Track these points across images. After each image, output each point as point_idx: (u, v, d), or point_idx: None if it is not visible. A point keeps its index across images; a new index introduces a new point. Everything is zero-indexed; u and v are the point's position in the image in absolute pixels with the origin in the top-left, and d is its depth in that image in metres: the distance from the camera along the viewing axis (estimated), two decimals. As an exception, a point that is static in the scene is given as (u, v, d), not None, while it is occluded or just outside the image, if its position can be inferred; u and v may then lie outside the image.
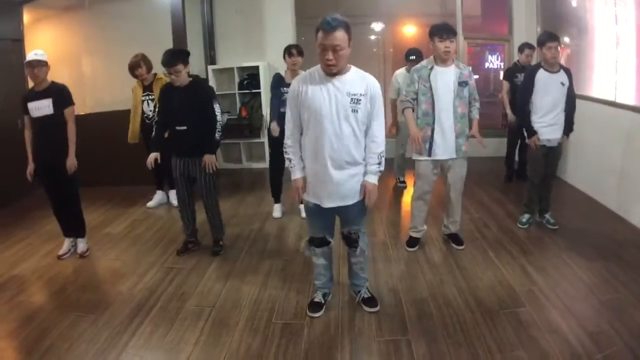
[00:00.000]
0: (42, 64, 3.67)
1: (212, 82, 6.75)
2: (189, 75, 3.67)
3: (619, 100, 4.54)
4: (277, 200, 4.77)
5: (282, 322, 2.86)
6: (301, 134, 2.67)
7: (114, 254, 4.04)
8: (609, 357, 2.40)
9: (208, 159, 3.63)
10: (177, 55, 3.54)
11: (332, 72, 2.48)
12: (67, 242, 4.05)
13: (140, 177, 3.61)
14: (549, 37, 3.81)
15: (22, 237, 4.54)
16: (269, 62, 6.69)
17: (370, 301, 2.97)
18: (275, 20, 6.76)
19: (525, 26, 6.54)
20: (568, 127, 3.99)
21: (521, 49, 5.38)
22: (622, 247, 3.67)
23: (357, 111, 2.52)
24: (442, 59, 3.44)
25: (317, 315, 2.92)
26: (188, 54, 3.68)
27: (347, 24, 2.41)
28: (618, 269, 3.32)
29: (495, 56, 7.73)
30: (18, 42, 5.86)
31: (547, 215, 4.15)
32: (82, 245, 4.06)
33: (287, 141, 2.70)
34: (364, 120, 2.57)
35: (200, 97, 3.62)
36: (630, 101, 4.37)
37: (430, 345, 2.57)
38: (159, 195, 5.35)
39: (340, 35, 2.39)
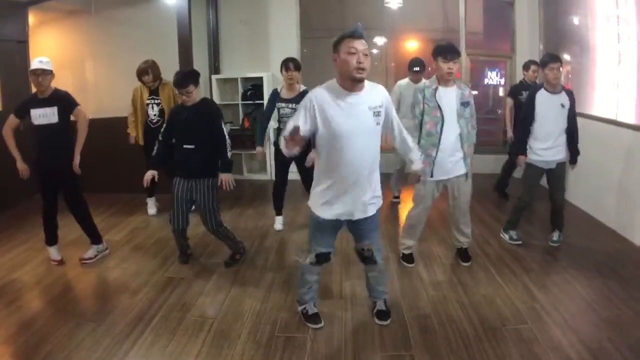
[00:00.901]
0: (47, 73, 3.66)
1: (215, 92, 6.80)
2: None
3: (620, 119, 4.59)
4: (279, 213, 4.76)
5: (285, 336, 2.85)
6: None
7: (114, 262, 4.02)
8: (609, 374, 2.41)
9: (225, 177, 3.59)
10: (188, 77, 3.58)
11: (361, 77, 2.46)
12: (52, 250, 4.01)
13: (140, 184, 3.61)
14: (550, 59, 3.83)
15: (22, 241, 4.52)
16: (273, 73, 6.70)
17: (382, 314, 2.97)
18: (280, 31, 6.81)
19: (527, 43, 6.60)
20: (573, 156, 3.97)
21: (526, 66, 5.37)
22: (622, 265, 3.70)
23: (379, 124, 2.57)
24: (444, 80, 3.44)
25: (320, 325, 2.93)
26: (198, 74, 3.72)
27: None
28: (618, 286, 3.35)
29: (495, 72, 7.79)
30: (22, 44, 5.88)
31: (554, 233, 4.14)
32: (90, 251, 4.04)
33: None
34: (381, 131, 2.63)
35: (209, 116, 3.63)
36: (631, 120, 4.42)
37: (433, 361, 2.57)
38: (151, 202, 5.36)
39: (366, 43, 2.48)
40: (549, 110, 3.84)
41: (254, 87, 6.82)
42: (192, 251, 4.06)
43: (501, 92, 7.84)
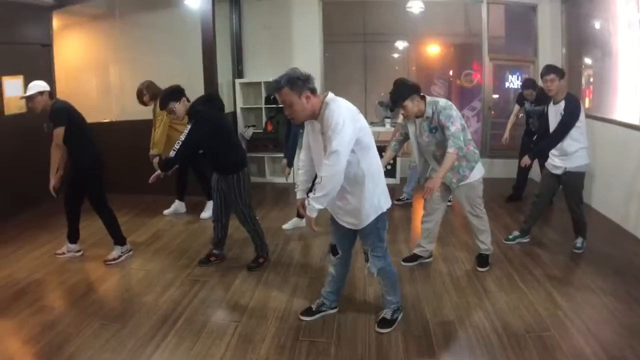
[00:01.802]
0: (32, 98, 3.76)
1: (238, 95, 6.86)
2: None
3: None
4: (300, 216, 4.79)
5: (309, 340, 2.86)
6: None
7: (138, 263, 4.07)
8: (630, 381, 2.41)
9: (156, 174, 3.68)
10: (164, 98, 3.71)
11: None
12: (65, 246, 4.19)
13: (163, 186, 3.67)
14: (544, 70, 3.88)
15: (44, 241, 4.58)
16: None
17: (383, 322, 2.97)
18: (303, 36, 6.85)
19: (550, 48, 6.57)
20: (536, 150, 4.11)
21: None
22: (645, 273, 3.66)
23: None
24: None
25: (305, 319, 3.06)
26: (176, 91, 3.73)
27: None
28: (640, 294, 3.32)
29: (516, 76, 7.75)
30: (47, 47, 5.97)
31: (578, 240, 4.13)
32: (114, 252, 4.12)
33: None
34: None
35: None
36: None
37: (457, 368, 2.59)
38: (177, 205, 5.44)
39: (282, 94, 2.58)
40: (552, 118, 3.95)
41: (277, 91, 6.87)
42: (221, 261, 4.04)
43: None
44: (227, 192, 3.78)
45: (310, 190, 2.66)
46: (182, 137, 3.53)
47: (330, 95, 2.60)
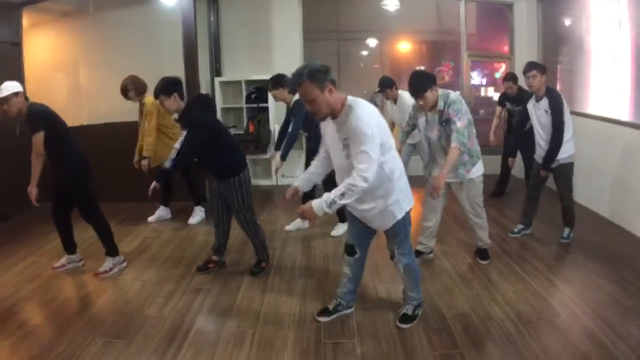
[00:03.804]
0: (6, 100, 3.50)
1: (217, 95, 6.69)
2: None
3: (616, 117, 4.82)
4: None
5: (332, 342, 2.83)
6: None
7: (132, 275, 3.88)
8: (642, 357, 2.58)
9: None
10: (157, 89, 3.54)
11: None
12: (64, 258, 3.98)
13: (144, 192, 3.51)
14: (526, 67, 4.01)
15: (25, 255, 4.31)
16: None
17: (405, 318, 2.99)
18: (283, 34, 6.79)
19: (527, 44, 6.78)
20: (545, 160, 4.06)
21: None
22: (632, 257, 3.89)
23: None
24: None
25: (322, 320, 3.03)
26: (168, 83, 3.55)
27: None
28: (633, 277, 3.53)
29: (481, 73, 8.02)
30: (16, 46, 5.69)
31: (565, 230, 4.30)
32: (105, 264, 3.90)
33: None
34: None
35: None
36: (625, 117, 4.69)
37: (483, 357, 2.64)
38: (161, 211, 5.27)
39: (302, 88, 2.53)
40: (535, 115, 4.08)
41: (257, 89, 6.74)
42: (220, 269, 3.92)
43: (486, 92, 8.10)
44: (228, 197, 3.65)
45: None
46: (178, 146, 3.41)
47: (350, 97, 2.55)
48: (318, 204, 2.45)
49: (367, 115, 2.45)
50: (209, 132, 3.49)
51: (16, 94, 3.52)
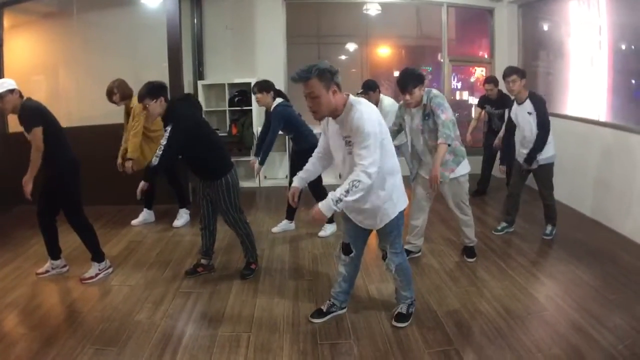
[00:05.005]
0: (1, 98, 3.45)
1: (200, 98, 6.62)
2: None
3: (594, 117, 5.00)
4: (290, 219, 4.82)
5: (329, 343, 2.84)
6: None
7: (119, 279, 3.80)
8: (629, 347, 2.68)
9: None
10: (142, 92, 3.49)
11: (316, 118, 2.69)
12: (48, 264, 3.87)
13: (126, 195, 3.42)
14: (506, 72, 4.12)
15: (7, 260, 4.17)
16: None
17: (400, 316, 3.02)
18: (267, 37, 6.79)
19: (507, 50, 6.93)
20: (529, 155, 4.14)
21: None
22: (613, 253, 4.04)
23: None
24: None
25: (316, 321, 3.05)
26: (155, 87, 3.51)
27: None
28: (615, 271, 3.66)
29: (457, 77, 8.16)
30: (-3, 47, 5.52)
31: (547, 228, 4.42)
32: (91, 270, 3.82)
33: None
34: None
35: None
36: (602, 118, 4.88)
37: (477, 352, 2.69)
38: (145, 214, 5.19)
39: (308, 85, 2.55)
40: (519, 118, 4.18)
41: (241, 92, 6.73)
42: (209, 273, 3.87)
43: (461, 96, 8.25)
44: (214, 198, 3.63)
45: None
46: (163, 142, 3.35)
47: (352, 96, 2.59)
48: (325, 205, 2.49)
49: (368, 113, 2.51)
50: (190, 123, 3.44)
51: (11, 91, 3.48)
